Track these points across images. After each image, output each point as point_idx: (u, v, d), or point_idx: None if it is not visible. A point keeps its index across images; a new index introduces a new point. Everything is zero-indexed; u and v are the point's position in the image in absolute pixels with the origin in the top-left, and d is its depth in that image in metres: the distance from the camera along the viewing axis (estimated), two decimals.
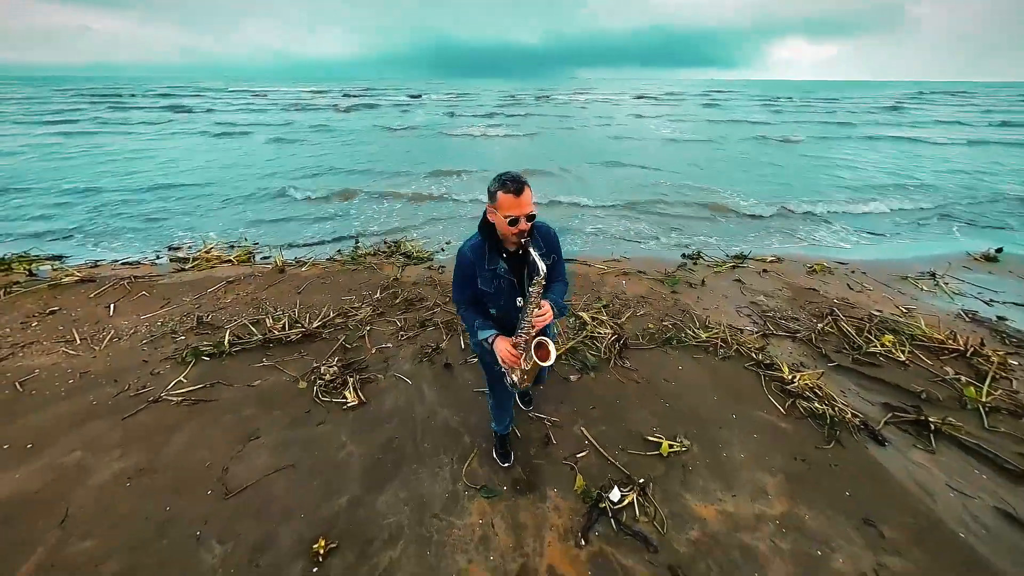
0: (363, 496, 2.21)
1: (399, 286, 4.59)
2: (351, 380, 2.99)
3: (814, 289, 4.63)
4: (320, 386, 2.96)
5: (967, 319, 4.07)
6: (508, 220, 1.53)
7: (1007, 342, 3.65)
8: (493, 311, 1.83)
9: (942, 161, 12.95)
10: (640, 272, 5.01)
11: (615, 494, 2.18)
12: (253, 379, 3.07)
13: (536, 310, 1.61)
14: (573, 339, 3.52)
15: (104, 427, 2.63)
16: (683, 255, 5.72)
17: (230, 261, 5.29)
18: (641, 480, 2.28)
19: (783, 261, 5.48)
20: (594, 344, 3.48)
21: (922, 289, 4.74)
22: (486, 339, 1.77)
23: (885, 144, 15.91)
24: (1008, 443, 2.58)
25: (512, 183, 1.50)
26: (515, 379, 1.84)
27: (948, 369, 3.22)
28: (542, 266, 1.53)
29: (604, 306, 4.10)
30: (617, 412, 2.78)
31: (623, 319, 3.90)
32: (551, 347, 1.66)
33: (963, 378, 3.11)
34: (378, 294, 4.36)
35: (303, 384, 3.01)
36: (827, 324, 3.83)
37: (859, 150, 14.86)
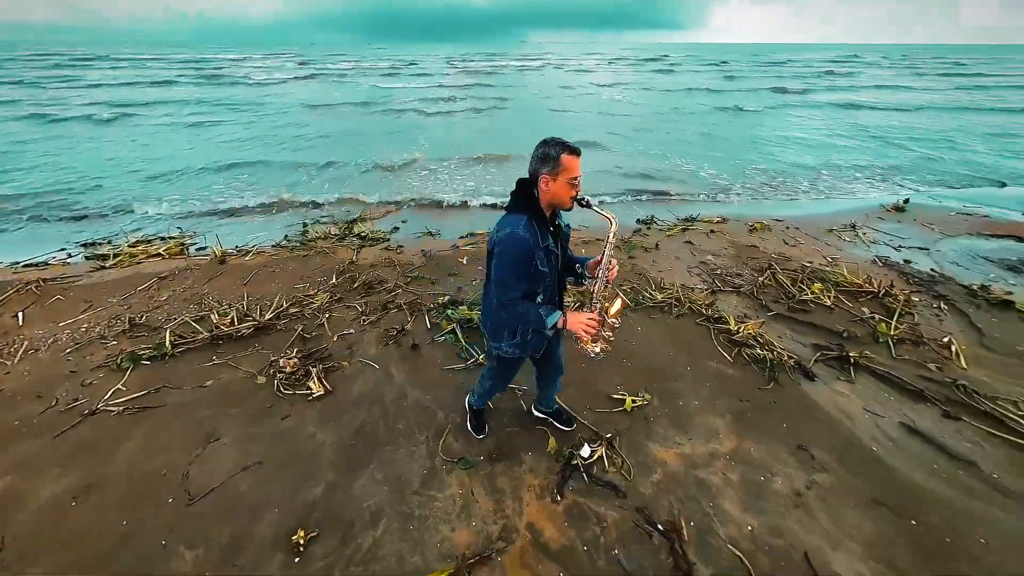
0: (339, 483, 2.20)
1: (356, 269, 4.40)
2: (314, 370, 2.89)
3: (755, 246, 4.99)
4: (281, 379, 2.84)
5: (880, 264, 4.59)
6: (571, 181, 1.53)
7: (911, 282, 4.19)
8: (540, 297, 1.69)
9: (873, 124, 14.11)
10: (598, 239, 5.14)
11: (585, 450, 2.33)
12: (204, 379, 2.88)
13: (612, 264, 1.69)
14: None
15: (34, 447, 2.38)
16: (637, 220, 5.92)
17: (160, 255, 4.79)
18: (608, 435, 2.44)
19: (727, 221, 5.83)
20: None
21: (845, 240, 5.26)
22: (554, 324, 1.64)
23: (827, 110, 16.74)
24: (911, 368, 3.02)
25: (572, 145, 1.52)
26: (597, 348, 1.74)
27: (865, 309, 3.65)
28: (609, 215, 1.61)
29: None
30: (583, 375, 2.92)
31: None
32: (618, 298, 1.72)
33: (876, 316, 3.55)
34: (334, 279, 4.17)
35: (262, 379, 2.87)
36: (766, 277, 4.18)
37: (804, 117, 15.78)
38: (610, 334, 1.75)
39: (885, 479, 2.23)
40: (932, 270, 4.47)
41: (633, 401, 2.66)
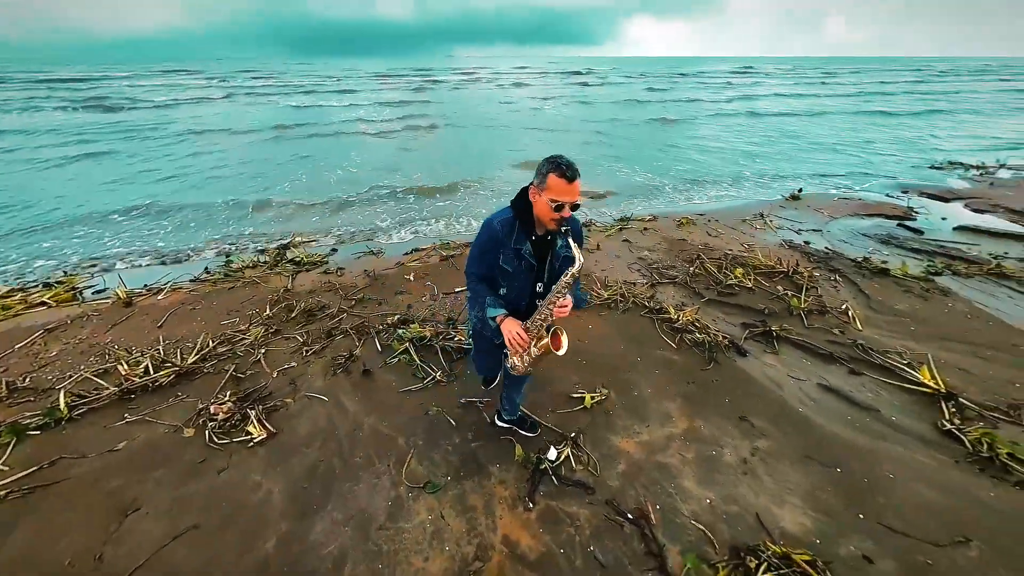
0: (294, 532, 2.00)
1: (293, 297, 4.09)
2: (253, 412, 2.62)
3: (684, 239, 5.44)
4: (213, 428, 2.53)
5: (786, 247, 5.23)
6: (554, 205, 1.49)
7: (811, 260, 4.81)
8: (504, 291, 1.77)
9: (771, 129, 16.08)
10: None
11: (552, 453, 2.35)
12: (115, 441, 2.48)
13: (560, 300, 1.57)
14: None
15: None
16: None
17: (44, 303, 4.08)
18: (572, 434, 2.49)
19: (657, 219, 6.30)
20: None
21: (756, 228, 5.92)
22: (494, 317, 1.70)
23: (737, 117, 18.62)
24: (820, 334, 3.45)
25: (567, 168, 1.46)
26: (517, 362, 1.80)
27: (779, 287, 4.12)
28: (579, 257, 1.50)
29: None
30: (542, 379, 2.95)
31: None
32: (564, 337, 1.63)
33: (789, 293, 4.02)
34: (268, 310, 3.83)
35: (189, 431, 2.54)
36: (696, 267, 4.57)
37: (718, 124, 17.53)
38: (530, 360, 1.74)
39: (812, 435, 2.51)
40: (826, 248, 5.18)
41: (592, 397, 2.74)
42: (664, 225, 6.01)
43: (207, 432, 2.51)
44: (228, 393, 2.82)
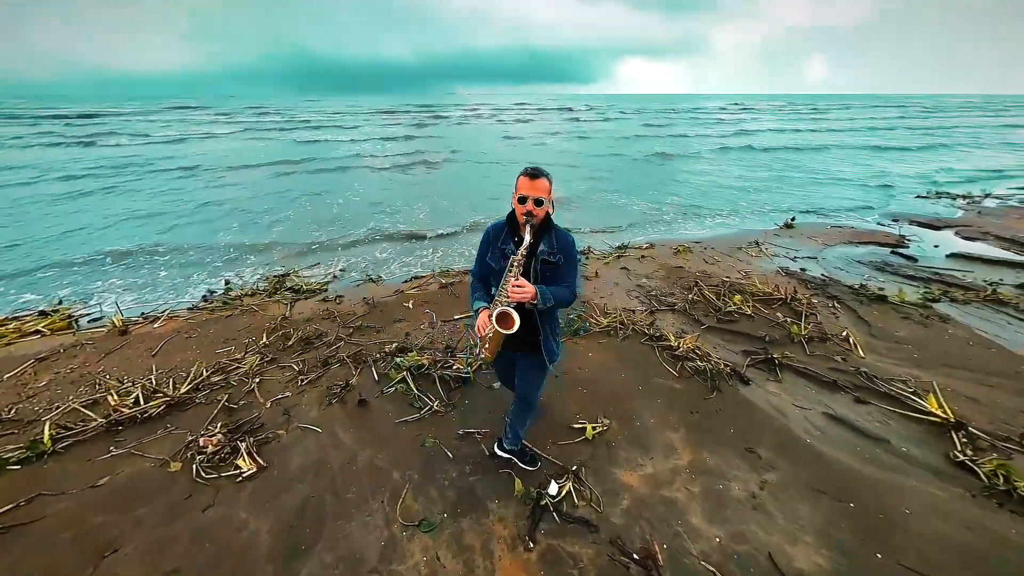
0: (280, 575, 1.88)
1: (290, 325, 4.06)
2: (243, 445, 2.54)
3: (681, 266, 5.49)
4: (201, 462, 2.44)
5: (783, 274, 5.27)
6: (518, 198, 1.71)
7: (809, 286, 4.84)
8: (494, 289, 1.89)
9: (766, 161, 16.63)
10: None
11: (553, 488, 2.26)
12: (98, 477, 2.38)
13: (514, 280, 1.68)
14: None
15: None
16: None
17: (39, 332, 4.04)
18: (574, 467, 2.41)
19: (655, 247, 6.38)
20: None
21: (752, 255, 5.99)
22: (477, 310, 1.89)
23: (732, 152, 19.15)
24: (822, 361, 3.41)
25: (530, 168, 1.73)
26: (479, 351, 1.85)
27: (778, 314, 4.12)
28: (527, 240, 1.70)
29: None
30: (542, 408, 2.89)
31: None
32: (515, 316, 1.69)
33: (788, 319, 4.01)
34: (265, 339, 3.79)
35: (176, 465, 2.45)
36: (694, 294, 4.58)
37: (713, 158, 18.14)
38: (489, 343, 1.86)
39: (822, 467, 2.43)
40: (822, 275, 5.23)
41: (593, 428, 2.67)
42: (661, 253, 6.08)
43: (194, 466, 2.42)
44: (219, 424, 2.74)
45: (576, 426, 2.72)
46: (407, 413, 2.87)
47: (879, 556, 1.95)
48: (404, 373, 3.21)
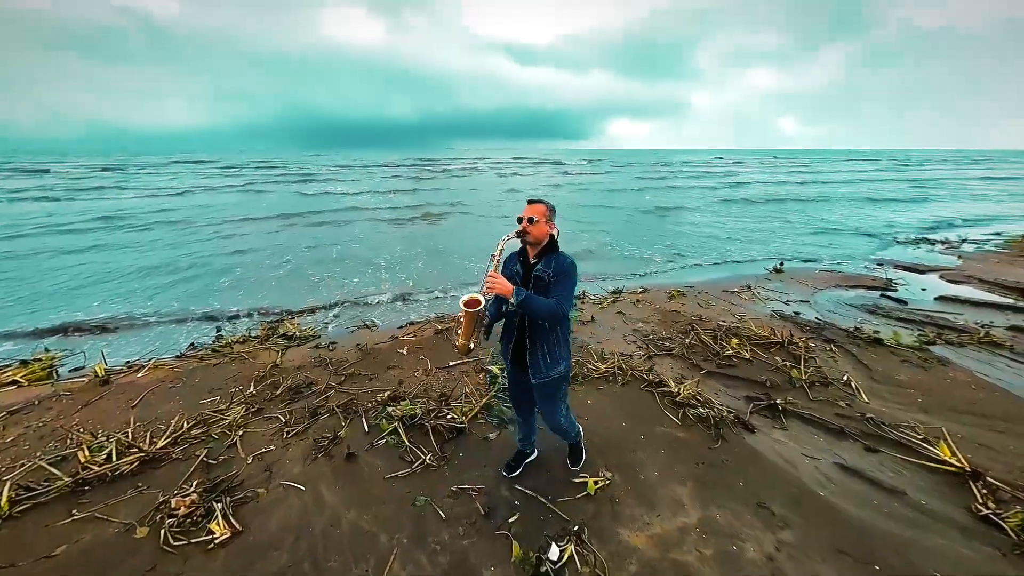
0: None
1: (280, 373, 3.95)
2: (219, 506, 2.35)
3: (676, 311, 5.51)
4: (171, 526, 2.24)
5: (777, 317, 5.30)
6: (518, 218, 2.00)
7: (804, 330, 4.85)
8: (504, 307, 2.11)
9: (742, 218, 17.41)
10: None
11: (554, 552, 2.08)
12: (54, 545, 2.17)
13: (489, 271, 1.90)
14: (486, 395, 3.45)
15: None
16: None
17: (17, 382, 3.88)
18: (576, 527, 2.24)
19: (649, 291, 6.45)
20: (507, 396, 3.46)
21: (745, 299, 6.06)
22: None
23: (720, 205, 20.16)
24: (827, 407, 3.33)
25: (531, 197, 2.05)
26: (462, 340, 2.04)
27: (777, 358, 4.08)
28: (503, 240, 2.01)
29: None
30: (541, 461, 2.74)
31: None
32: (479, 295, 1.93)
33: (787, 363, 3.97)
34: (252, 388, 3.66)
35: (143, 531, 2.24)
36: (691, 338, 4.56)
37: (699, 208, 18.94)
38: (463, 329, 2.04)
39: (840, 524, 2.27)
40: (816, 318, 5.26)
41: (596, 483, 2.52)
42: (656, 297, 6.13)
43: (163, 531, 2.21)
44: (195, 483, 2.56)
45: (577, 481, 2.56)
46: (398, 468, 2.71)
47: None
48: (395, 423, 3.07)
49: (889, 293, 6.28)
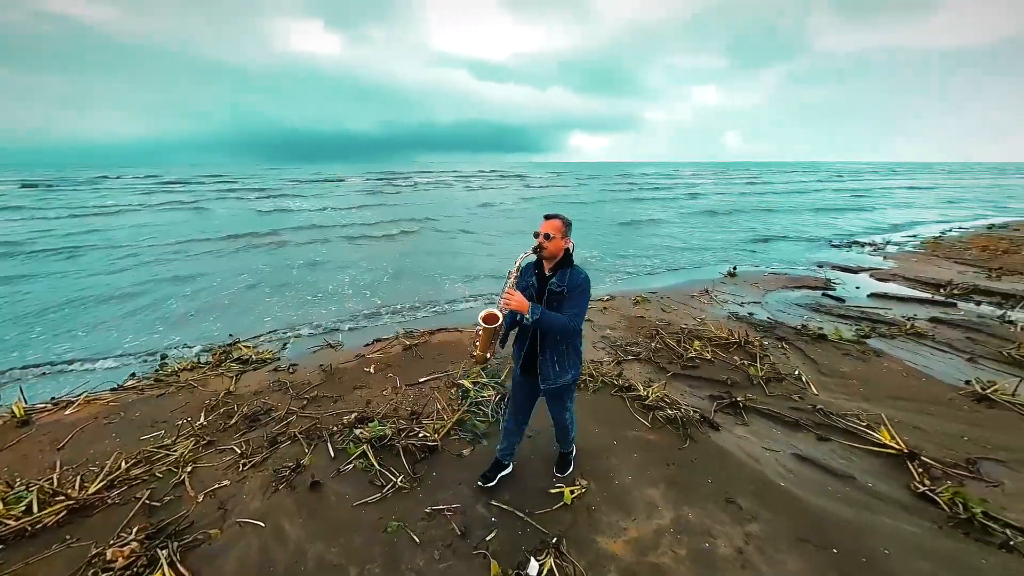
0: None
1: (234, 401, 3.67)
2: (164, 553, 2.12)
3: (641, 316, 5.70)
4: None
5: (734, 319, 5.61)
6: (535, 233, 2.06)
7: (758, 329, 5.16)
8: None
9: (700, 228, 18.38)
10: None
11: (533, 568, 2.04)
12: None
13: (507, 288, 1.98)
14: (458, 410, 3.38)
15: None
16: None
17: None
18: (554, 539, 2.21)
19: (615, 298, 6.64)
20: (480, 410, 3.41)
21: (704, 303, 6.38)
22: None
23: (686, 214, 21.14)
24: (782, 401, 3.54)
25: (548, 213, 2.10)
26: (478, 353, 2.10)
27: (735, 357, 4.30)
28: (520, 258, 2.08)
29: (483, 368, 4.12)
30: (516, 474, 2.70)
31: (503, 377, 3.97)
32: (497, 311, 2.00)
33: (745, 362, 4.19)
34: (203, 418, 3.38)
35: None
36: (657, 342, 4.72)
37: (659, 219, 19.78)
38: (480, 341, 2.09)
39: (800, 512, 2.40)
40: (768, 318, 5.62)
41: (572, 492, 2.52)
42: (622, 304, 6.32)
43: None
44: (135, 529, 2.30)
45: (553, 491, 2.55)
46: (367, 493, 2.58)
47: None
48: (364, 446, 2.93)
49: (829, 292, 6.84)
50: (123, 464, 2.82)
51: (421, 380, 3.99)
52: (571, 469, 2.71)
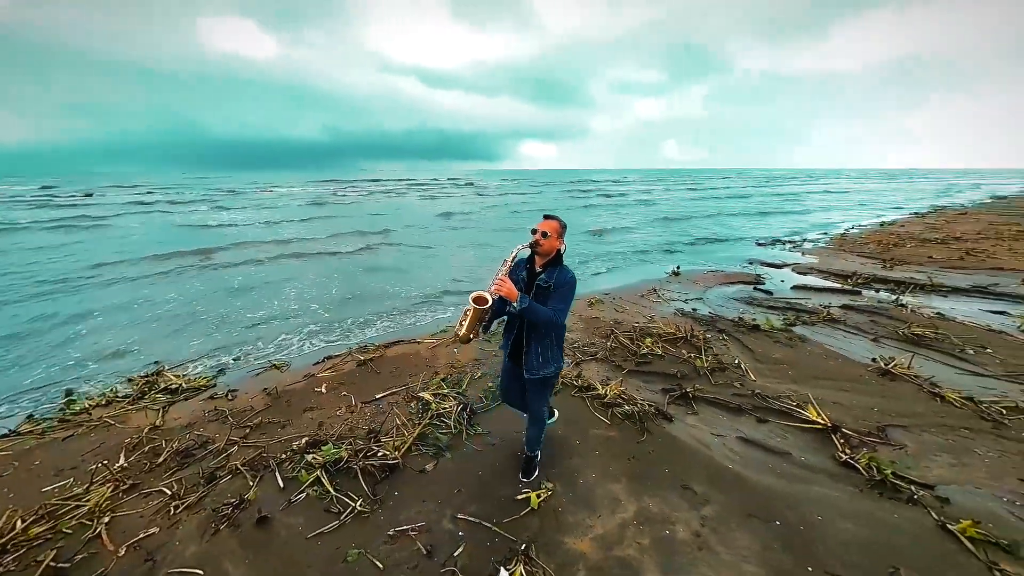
0: None
1: (162, 436, 3.28)
2: None
3: (596, 317, 5.90)
4: None
5: (680, 315, 5.99)
6: (532, 229, 2.17)
7: (702, 323, 5.54)
8: (509, 307, 2.19)
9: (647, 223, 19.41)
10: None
11: None
12: None
13: (500, 275, 2.04)
14: (419, 424, 3.28)
15: None
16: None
17: None
18: (523, 545, 2.20)
19: None
20: (442, 422, 3.33)
21: (653, 301, 6.75)
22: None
23: (642, 216, 22.25)
24: (725, 389, 3.82)
25: (546, 213, 2.22)
26: (458, 326, 2.11)
27: (683, 351, 4.59)
28: (517, 249, 2.16)
29: (443, 379, 4.04)
30: (482, 483, 2.67)
31: (464, 386, 3.92)
32: (486, 294, 2.04)
33: (692, 355, 4.48)
34: (123, 460, 2.98)
35: None
36: (612, 341, 4.91)
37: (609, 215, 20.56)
38: (468, 322, 2.10)
39: (747, 491, 2.59)
40: (710, 312, 6.06)
41: (538, 496, 2.53)
42: (577, 306, 6.50)
43: None
44: None
45: (520, 497, 2.54)
46: (323, 522, 2.41)
47: (810, 570, 2.07)
48: (318, 472, 2.74)
49: (760, 287, 7.53)
50: (19, 523, 2.40)
51: (378, 396, 3.82)
52: (536, 474, 2.72)
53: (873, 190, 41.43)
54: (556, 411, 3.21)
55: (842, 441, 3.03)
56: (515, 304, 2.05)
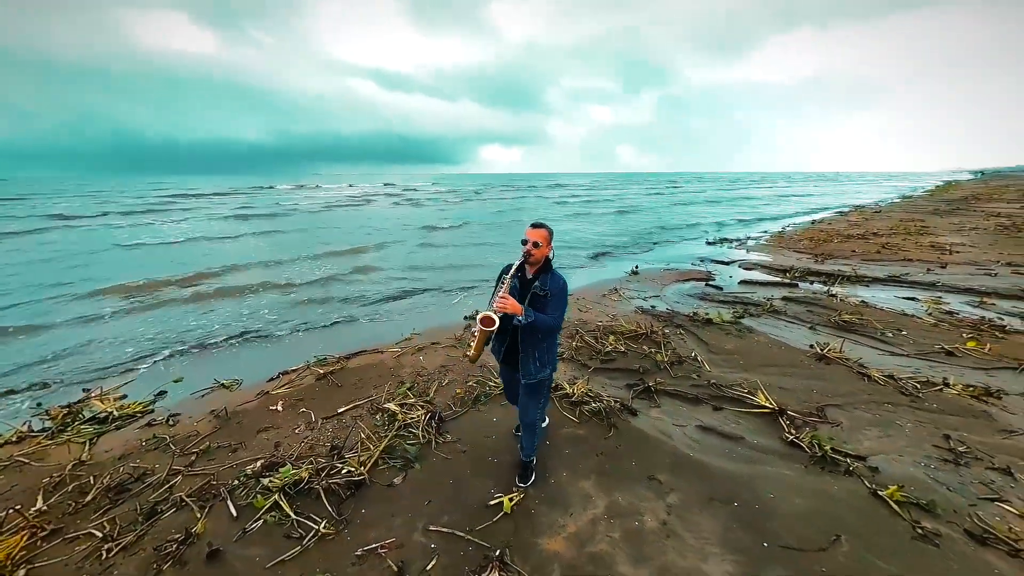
0: None
1: (89, 472, 2.93)
2: None
3: None
4: None
5: (640, 312, 6.24)
6: (522, 241, 2.22)
7: (660, 320, 5.81)
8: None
9: (615, 222, 19.98)
10: (434, 343, 5.15)
11: None
12: None
13: (500, 293, 2.12)
14: (385, 436, 3.16)
15: None
16: (465, 317, 6.31)
17: None
18: (497, 551, 2.19)
19: None
20: (410, 432, 3.23)
21: (614, 300, 6.98)
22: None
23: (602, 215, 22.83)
24: (683, 381, 4.02)
25: (534, 222, 2.26)
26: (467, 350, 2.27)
27: (644, 347, 4.78)
28: (516, 264, 2.23)
29: (409, 388, 3.93)
30: (453, 492, 2.62)
31: (432, 394, 3.84)
32: (492, 315, 2.12)
33: (652, 350, 4.68)
34: (40, 503, 2.63)
35: None
36: (577, 341, 5.02)
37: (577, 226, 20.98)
38: (475, 341, 2.25)
39: (707, 477, 2.74)
40: (667, 309, 6.36)
41: (511, 499, 2.52)
42: None
43: None
44: None
45: (492, 503, 2.52)
46: (284, 549, 2.26)
47: (765, 545, 2.22)
48: (275, 496, 2.57)
49: (711, 283, 8.01)
50: None
51: (340, 410, 3.65)
52: (533, 478, 2.69)
53: (818, 191, 45.39)
54: (548, 418, 3.26)
55: (788, 423, 3.28)
56: (520, 318, 2.11)
